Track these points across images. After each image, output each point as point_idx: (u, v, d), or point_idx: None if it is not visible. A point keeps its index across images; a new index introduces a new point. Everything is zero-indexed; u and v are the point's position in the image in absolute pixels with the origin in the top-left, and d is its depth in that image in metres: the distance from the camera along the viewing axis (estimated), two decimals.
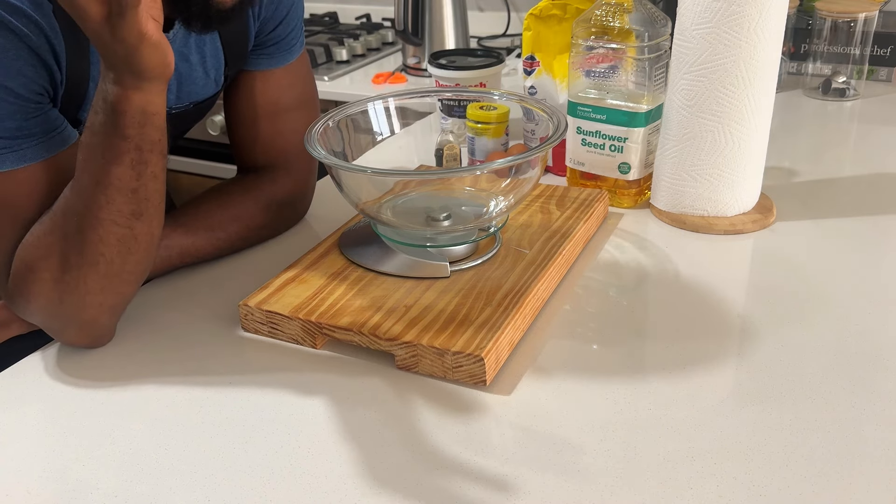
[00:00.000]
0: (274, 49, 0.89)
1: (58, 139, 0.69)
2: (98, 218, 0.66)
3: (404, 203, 0.84)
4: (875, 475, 0.56)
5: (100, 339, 0.73)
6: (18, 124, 0.66)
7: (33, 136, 0.67)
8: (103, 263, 0.67)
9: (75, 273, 0.67)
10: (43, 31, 0.66)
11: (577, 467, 0.57)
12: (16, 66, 0.65)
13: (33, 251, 0.67)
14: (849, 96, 1.35)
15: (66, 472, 0.60)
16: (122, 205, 0.66)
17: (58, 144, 0.69)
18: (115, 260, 0.67)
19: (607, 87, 0.93)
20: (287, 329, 0.73)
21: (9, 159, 0.67)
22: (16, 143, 0.66)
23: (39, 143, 0.68)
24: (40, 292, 0.68)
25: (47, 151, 0.68)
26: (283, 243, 0.92)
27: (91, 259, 0.67)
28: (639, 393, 0.65)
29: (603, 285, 0.81)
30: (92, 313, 0.70)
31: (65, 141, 0.70)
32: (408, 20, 1.75)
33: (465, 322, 0.69)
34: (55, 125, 0.69)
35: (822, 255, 0.84)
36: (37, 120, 0.67)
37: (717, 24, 0.81)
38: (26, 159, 0.67)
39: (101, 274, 0.68)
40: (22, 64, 0.65)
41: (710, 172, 0.88)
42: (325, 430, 0.62)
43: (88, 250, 0.66)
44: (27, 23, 0.65)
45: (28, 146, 0.67)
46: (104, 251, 0.67)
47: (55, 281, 0.67)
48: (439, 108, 1.16)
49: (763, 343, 0.70)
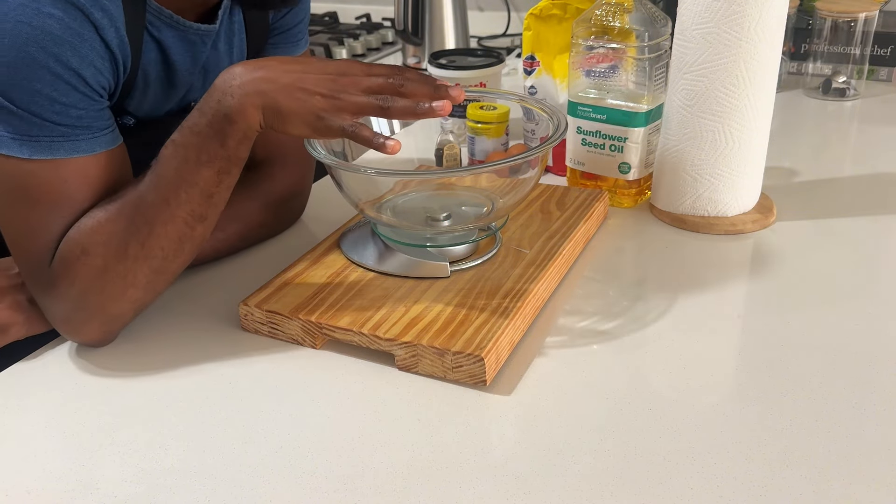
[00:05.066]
0: (280, 39, 0.90)
1: (109, 136, 0.70)
2: (173, 214, 0.68)
3: (404, 203, 0.84)
4: (875, 475, 0.56)
5: (110, 337, 0.74)
6: (80, 114, 0.67)
7: (90, 129, 0.68)
8: (159, 258, 0.69)
9: (130, 264, 0.68)
10: (115, 25, 0.68)
11: (577, 467, 0.57)
12: (90, 56, 0.66)
13: (93, 235, 0.68)
14: (849, 96, 1.35)
15: (66, 472, 0.59)
16: (197, 206, 0.68)
17: (108, 142, 0.70)
18: (168, 257, 0.70)
19: (607, 86, 0.93)
20: (287, 329, 0.73)
21: (63, 148, 0.67)
22: (73, 133, 0.67)
23: (93, 138, 0.69)
24: (87, 277, 0.68)
25: (99, 147, 0.69)
26: (283, 243, 0.92)
27: (150, 252, 0.69)
28: (639, 393, 0.65)
29: (603, 285, 0.81)
30: (125, 307, 0.71)
31: (114, 140, 0.71)
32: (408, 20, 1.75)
33: (465, 322, 0.69)
34: (109, 123, 0.70)
35: (822, 255, 0.84)
36: (96, 113, 0.68)
37: (717, 24, 0.81)
38: (79, 150, 0.68)
39: (152, 269, 0.69)
40: (95, 56, 0.67)
41: (710, 172, 0.88)
42: (325, 430, 0.62)
43: (151, 243, 0.68)
44: (104, 15, 0.66)
45: (83, 138, 0.68)
46: (164, 246, 0.69)
47: (105, 269, 0.68)
48: None
49: (763, 343, 0.70)
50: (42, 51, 0.63)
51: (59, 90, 0.65)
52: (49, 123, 0.66)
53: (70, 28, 0.64)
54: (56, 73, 0.64)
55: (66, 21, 0.64)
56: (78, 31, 0.65)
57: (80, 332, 0.72)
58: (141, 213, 0.68)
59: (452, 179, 0.88)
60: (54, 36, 0.63)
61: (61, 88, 0.65)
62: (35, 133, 0.66)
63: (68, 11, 0.64)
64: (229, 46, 0.84)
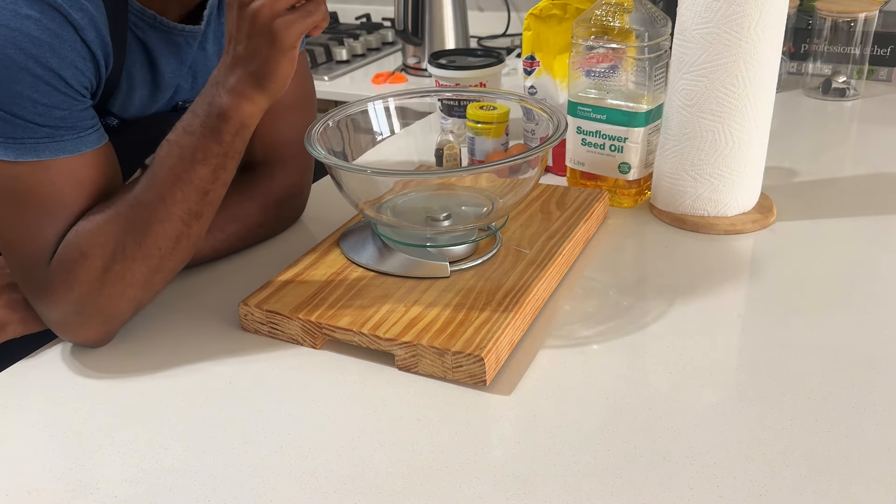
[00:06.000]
0: None
1: (95, 136, 0.70)
2: (169, 212, 0.68)
3: (404, 203, 0.84)
4: (875, 475, 0.56)
5: (107, 338, 0.74)
6: (63, 115, 0.67)
7: (74, 129, 0.68)
8: (157, 257, 0.69)
9: (128, 263, 0.68)
10: (95, 25, 0.68)
11: (577, 467, 0.57)
12: (70, 56, 0.66)
13: (91, 238, 0.68)
14: (849, 96, 1.35)
15: (66, 472, 0.59)
16: (193, 203, 0.69)
17: (94, 141, 0.70)
18: (166, 255, 0.70)
19: (607, 86, 0.93)
20: (287, 329, 0.73)
21: (48, 149, 0.67)
22: (58, 134, 0.67)
23: (78, 138, 0.68)
24: (86, 280, 0.68)
25: (85, 146, 0.69)
26: (283, 243, 0.92)
27: (148, 251, 0.69)
28: (639, 393, 0.65)
29: (603, 285, 0.81)
30: (123, 307, 0.71)
31: (100, 139, 0.71)
32: (408, 20, 1.75)
33: (465, 322, 0.69)
34: (93, 122, 0.70)
35: (822, 255, 0.84)
36: (79, 113, 0.68)
37: (717, 24, 0.81)
38: (65, 151, 0.68)
39: (150, 267, 0.70)
40: (75, 56, 0.66)
41: (710, 172, 0.88)
42: (325, 430, 0.62)
43: (148, 242, 0.68)
44: (83, 16, 0.66)
45: (68, 138, 0.68)
46: (162, 245, 0.69)
47: (104, 269, 0.68)
48: (439, 108, 1.16)
49: (763, 343, 0.70)
50: (20, 52, 0.63)
51: (41, 91, 0.65)
52: (32, 125, 0.65)
53: (48, 29, 0.64)
54: (36, 75, 0.64)
55: (43, 22, 0.64)
56: (57, 31, 0.64)
57: (77, 333, 0.72)
58: (137, 213, 0.68)
59: (452, 179, 0.88)
60: (32, 37, 0.63)
61: (42, 90, 0.65)
62: (19, 135, 0.65)
63: (46, 12, 0.64)
64: (218, 47, 0.84)
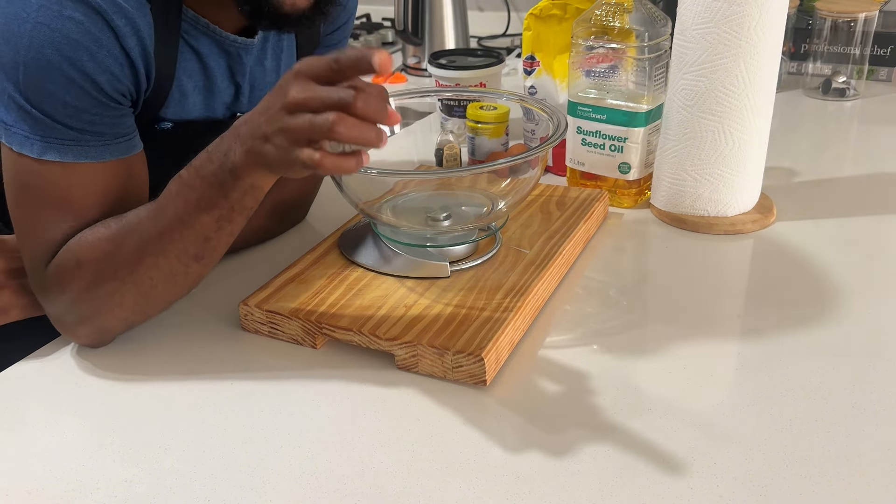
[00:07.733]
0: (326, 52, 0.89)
1: (123, 146, 0.70)
2: (165, 248, 0.66)
3: (404, 203, 0.84)
4: (875, 475, 0.56)
5: (104, 342, 0.74)
6: (92, 119, 0.67)
7: (102, 136, 0.68)
8: (148, 287, 0.68)
9: (118, 285, 0.67)
10: (138, 33, 0.67)
11: (577, 467, 0.57)
12: (107, 62, 0.66)
13: (89, 250, 0.68)
14: (849, 96, 1.35)
15: (65, 472, 0.59)
16: (191, 246, 0.66)
17: (122, 151, 0.70)
18: (158, 287, 0.68)
19: (607, 86, 0.93)
20: (287, 329, 0.73)
21: (72, 151, 0.67)
22: (83, 138, 0.67)
23: (105, 145, 0.68)
24: (77, 288, 0.68)
25: (110, 154, 0.69)
26: (283, 243, 0.92)
27: (139, 279, 0.67)
28: (639, 393, 0.65)
29: (603, 285, 0.81)
30: (112, 323, 0.71)
31: (129, 149, 0.70)
32: (408, 20, 1.75)
33: (465, 322, 0.69)
34: (126, 131, 0.70)
35: (822, 255, 0.84)
36: (111, 121, 0.68)
37: (717, 24, 0.81)
38: (88, 156, 0.68)
39: (140, 294, 0.68)
40: (112, 62, 0.66)
41: (710, 172, 0.88)
42: (326, 430, 0.62)
43: (140, 271, 0.67)
44: (126, 23, 0.66)
45: (94, 144, 0.68)
46: (154, 276, 0.67)
47: (95, 284, 0.68)
48: (439, 108, 1.15)
49: (763, 343, 0.70)
50: (57, 53, 0.63)
51: (72, 94, 0.65)
52: (60, 126, 0.66)
53: (89, 32, 0.64)
54: (69, 77, 0.64)
55: (85, 25, 0.64)
56: (96, 35, 0.64)
57: (72, 333, 0.72)
58: (134, 240, 0.66)
59: (452, 179, 0.88)
60: (71, 39, 0.63)
61: (74, 92, 0.65)
62: (47, 134, 0.66)
63: (89, 16, 0.64)
64: (277, 63, 0.83)
